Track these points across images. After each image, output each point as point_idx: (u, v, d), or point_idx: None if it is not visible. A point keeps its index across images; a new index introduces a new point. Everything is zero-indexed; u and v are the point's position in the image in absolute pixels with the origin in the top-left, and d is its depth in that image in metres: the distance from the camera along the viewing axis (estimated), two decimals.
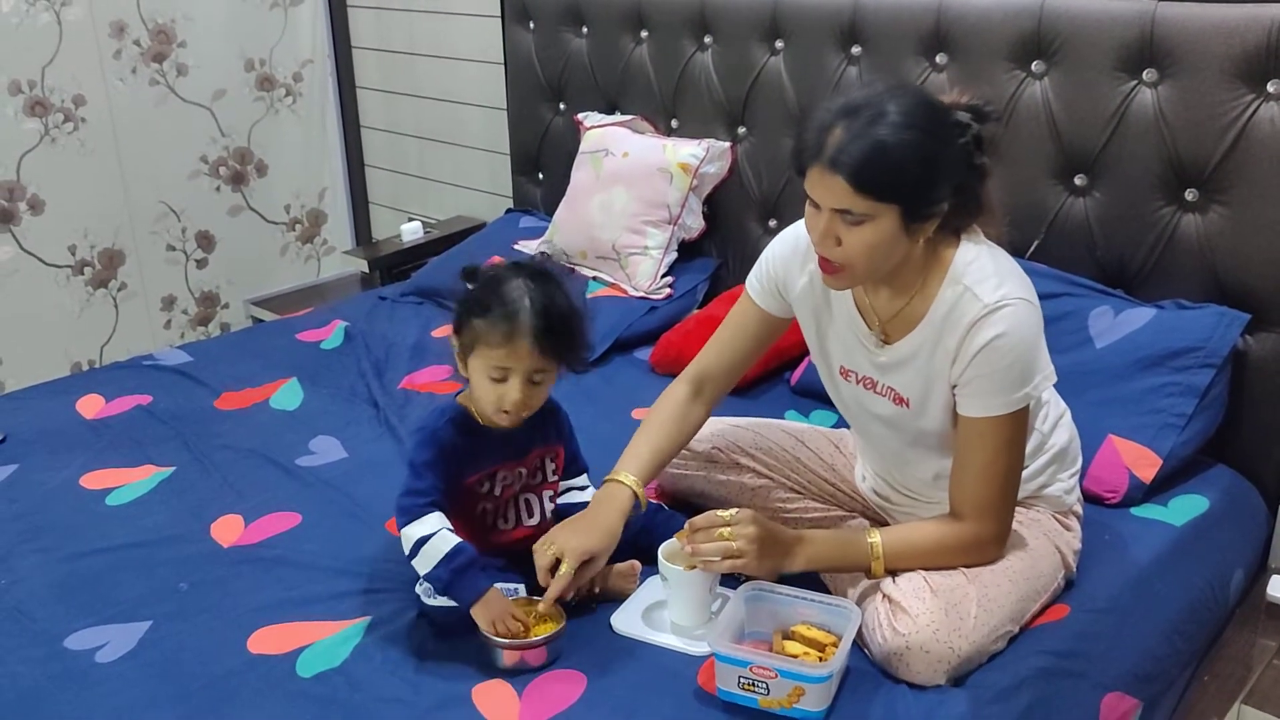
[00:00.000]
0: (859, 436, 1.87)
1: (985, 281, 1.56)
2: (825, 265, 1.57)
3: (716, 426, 1.97)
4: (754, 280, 1.83)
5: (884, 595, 1.58)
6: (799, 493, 1.92)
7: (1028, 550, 1.67)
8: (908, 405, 1.67)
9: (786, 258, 1.77)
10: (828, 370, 1.80)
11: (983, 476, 1.59)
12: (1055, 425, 1.78)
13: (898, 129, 1.44)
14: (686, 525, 1.62)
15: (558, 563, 1.62)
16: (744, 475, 1.92)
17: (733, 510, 1.59)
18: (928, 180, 1.48)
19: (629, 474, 1.74)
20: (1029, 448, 1.69)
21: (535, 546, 1.66)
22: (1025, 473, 1.71)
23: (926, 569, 1.61)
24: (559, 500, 1.80)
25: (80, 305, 3.41)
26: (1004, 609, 1.58)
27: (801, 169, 1.52)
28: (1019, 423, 1.58)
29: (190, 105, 3.54)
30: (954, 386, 1.60)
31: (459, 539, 1.59)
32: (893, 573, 1.62)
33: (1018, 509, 1.71)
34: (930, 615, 1.52)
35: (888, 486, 1.84)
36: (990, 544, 1.62)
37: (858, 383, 1.73)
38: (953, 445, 1.65)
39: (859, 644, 1.59)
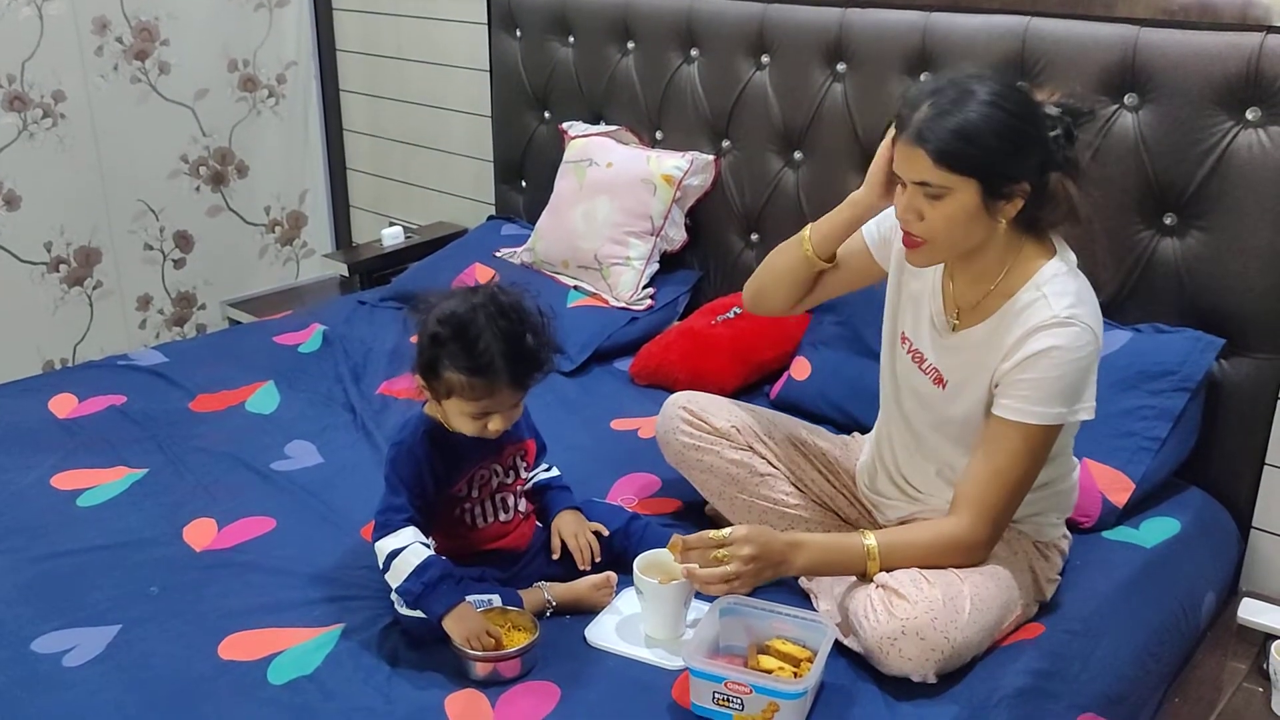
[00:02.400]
0: (884, 413, 1.87)
1: (1064, 296, 1.58)
2: (907, 240, 1.61)
3: (737, 409, 1.96)
4: (870, 225, 1.83)
5: (877, 584, 1.59)
6: (801, 490, 1.92)
7: (1010, 565, 1.69)
8: (943, 387, 1.69)
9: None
10: (891, 332, 1.82)
11: (996, 479, 1.61)
12: (1067, 473, 1.79)
13: (980, 105, 1.50)
14: (679, 541, 1.60)
15: None
16: (755, 459, 1.91)
17: (726, 530, 1.58)
18: (1006, 158, 1.52)
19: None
20: (1041, 479, 1.69)
21: None
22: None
23: (916, 566, 1.63)
24: (531, 483, 1.83)
25: (54, 303, 3.37)
26: (992, 611, 1.60)
27: (896, 142, 1.58)
28: (1046, 439, 1.60)
29: (171, 104, 3.52)
30: (995, 385, 1.62)
31: (430, 553, 1.59)
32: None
33: None
34: (929, 603, 1.53)
35: (887, 479, 1.84)
36: (980, 547, 1.64)
37: (909, 353, 1.76)
38: (970, 441, 1.67)
39: (838, 646, 1.59)
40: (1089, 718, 1.62)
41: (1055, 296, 1.58)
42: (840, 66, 2.49)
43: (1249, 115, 1.99)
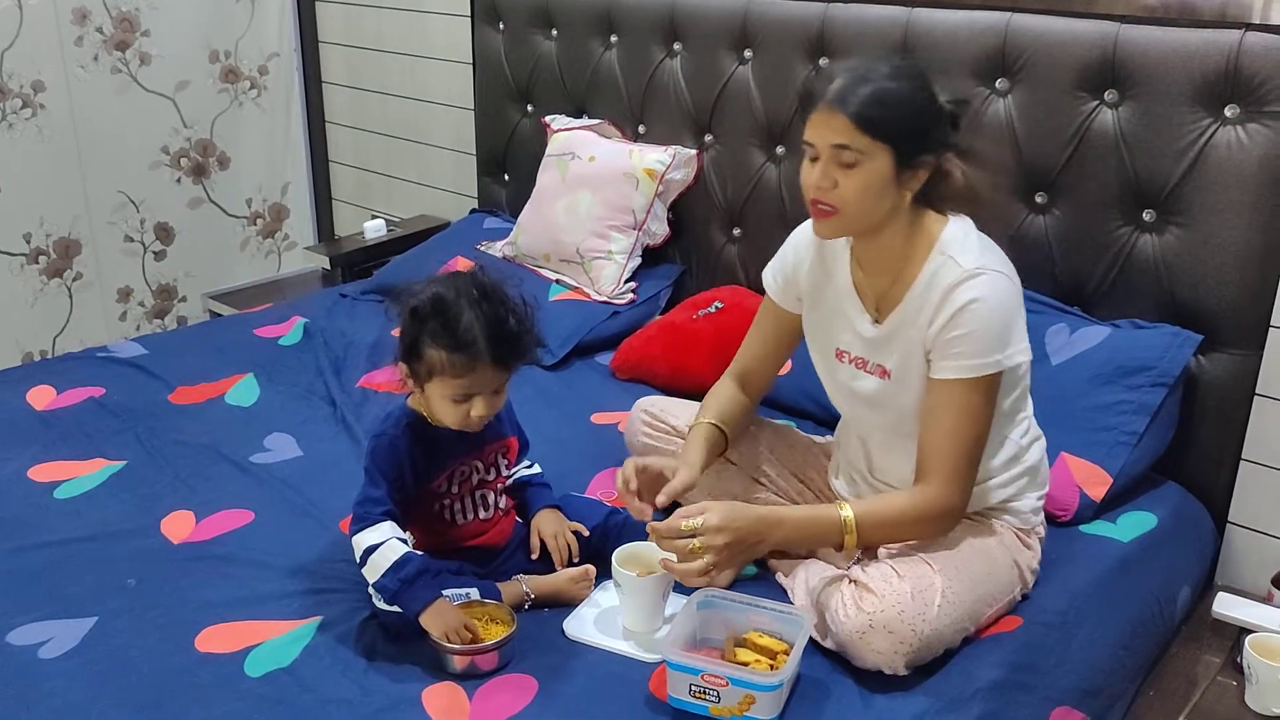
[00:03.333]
0: (844, 429, 1.91)
1: (967, 253, 1.65)
2: (818, 211, 1.65)
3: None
4: (769, 275, 1.92)
5: (850, 580, 1.60)
6: (761, 485, 1.95)
7: (988, 557, 1.70)
8: (889, 377, 1.72)
9: (798, 245, 1.87)
10: (824, 355, 1.85)
11: (952, 439, 1.63)
12: (1032, 445, 1.81)
13: (895, 77, 1.60)
14: (649, 529, 1.61)
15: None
16: (725, 465, 1.94)
17: (698, 519, 1.58)
18: (919, 128, 1.60)
19: (706, 416, 1.87)
20: (1003, 457, 1.74)
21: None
22: (994, 482, 1.75)
23: (894, 541, 1.67)
24: (511, 480, 1.83)
25: (34, 294, 3.35)
26: (965, 604, 1.61)
27: (805, 115, 1.63)
28: (988, 390, 1.63)
29: (152, 95, 3.49)
30: (929, 353, 1.65)
31: (407, 549, 1.59)
32: (864, 549, 1.67)
33: (981, 518, 1.76)
34: (897, 596, 1.55)
35: (865, 486, 1.85)
36: (953, 511, 1.65)
37: (850, 362, 1.79)
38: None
39: (813, 641, 1.60)
40: (1063, 711, 1.63)
41: (959, 255, 1.64)
42: (823, 61, 2.49)
43: (1227, 112, 2.00)
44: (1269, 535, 2.11)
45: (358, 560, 1.61)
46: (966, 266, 1.62)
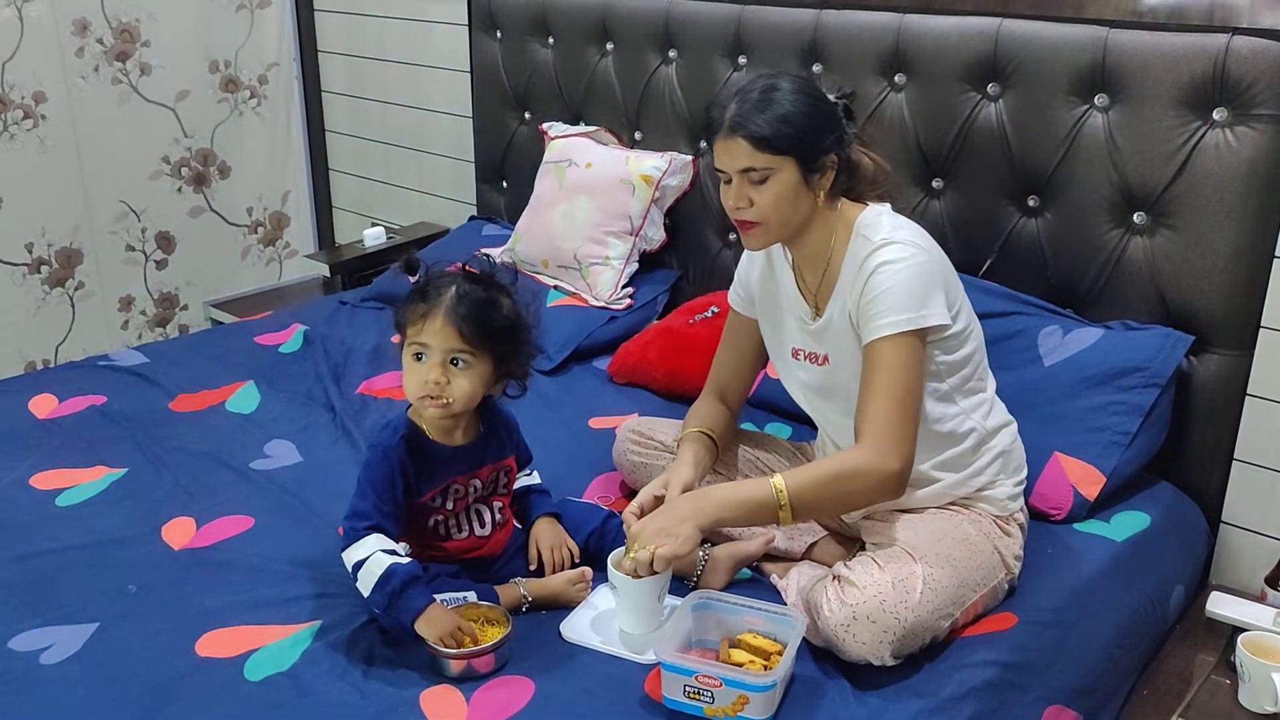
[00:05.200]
0: (819, 428, 1.95)
1: (879, 228, 1.74)
2: (743, 226, 1.75)
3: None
4: (732, 290, 2.01)
5: (834, 575, 1.63)
6: None
7: (966, 541, 1.72)
8: (828, 361, 1.80)
9: (749, 256, 1.97)
10: (782, 357, 1.91)
11: (880, 397, 1.66)
12: (1000, 429, 1.84)
13: (782, 93, 1.69)
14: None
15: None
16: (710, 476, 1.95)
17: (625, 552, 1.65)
18: (814, 133, 1.69)
19: (691, 426, 1.92)
20: (970, 443, 1.78)
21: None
22: (967, 470, 1.78)
23: (836, 508, 1.75)
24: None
25: (36, 304, 3.37)
26: (947, 590, 1.63)
27: (710, 145, 1.74)
28: (913, 349, 1.67)
29: (153, 105, 3.52)
30: (856, 326, 1.72)
31: (392, 560, 1.58)
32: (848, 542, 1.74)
33: (957, 507, 1.78)
34: (878, 587, 1.57)
35: None
36: (887, 467, 1.63)
37: (805, 359, 1.85)
38: None
39: (807, 641, 1.61)
40: (1056, 710, 1.64)
41: (871, 231, 1.74)
42: (816, 68, 2.51)
43: (1216, 115, 2.01)
44: (1262, 534, 2.12)
45: (350, 575, 1.62)
46: (875, 239, 1.71)
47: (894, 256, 1.68)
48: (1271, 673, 1.77)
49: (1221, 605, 1.97)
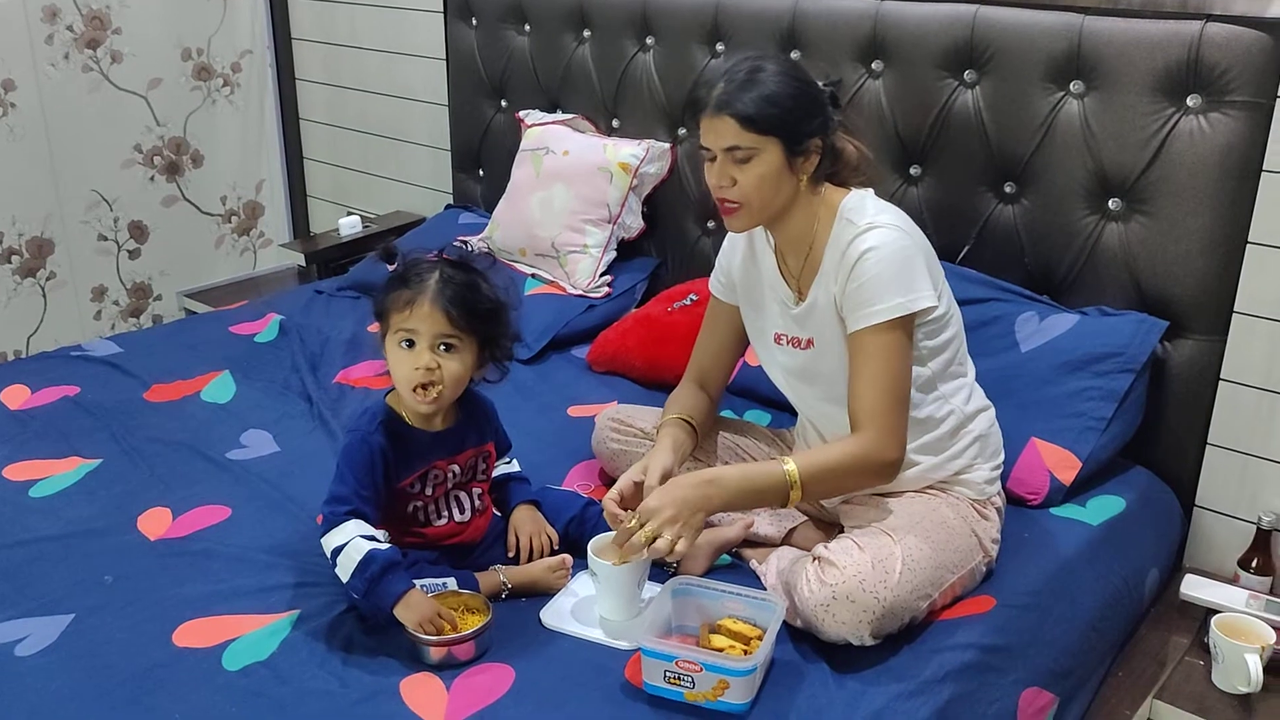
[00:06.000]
0: (799, 413, 1.95)
1: (862, 213, 1.75)
2: (724, 208, 1.75)
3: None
4: (713, 277, 2.00)
5: (814, 557, 1.64)
6: None
7: (944, 524, 1.73)
8: (813, 346, 1.80)
9: (731, 242, 1.97)
10: (764, 343, 1.92)
11: (876, 386, 1.68)
12: (978, 413, 1.85)
13: (770, 74, 1.69)
14: (614, 541, 1.67)
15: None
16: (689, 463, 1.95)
17: (634, 516, 1.63)
18: (800, 116, 1.70)
19: (671, 413, 1.91)
20: (948, 427, 1.80)
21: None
22: (946, 454, 1.80)
23: (837, 493, 1.76)
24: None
25: (7, 295, 3.33)
26: (926, 570, 1.64)
27: (696, 123, 1.73)
28: (901, 334, 1.69)
29: (124, 93, 3.48)
30: (841, 311, 1.72)
31: (371, 545, 1.58)
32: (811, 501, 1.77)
33: (935, 490, 1.80)
34: (857, 567, 1.58)
35: None
36: (887, 456, 1.69)
37: (788, 343, 1.85)
38: None
39: (788, 626, 1.62)
40: (1034, 692, 1.66)
41: (855, 215, 1.74)
42: (794, 54, 2.50)
43: (1190, 102, 2.03)
44: (1235, 518, 2.14)
45: (329, 561, 1.62)
46: (859, 224, 1.72)
47: (879, 242, 1.69)
48: (1244, 653, 1.79)
49: (1195, 588, 1.99)
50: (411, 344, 1.64)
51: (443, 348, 1.64)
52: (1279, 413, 2.06)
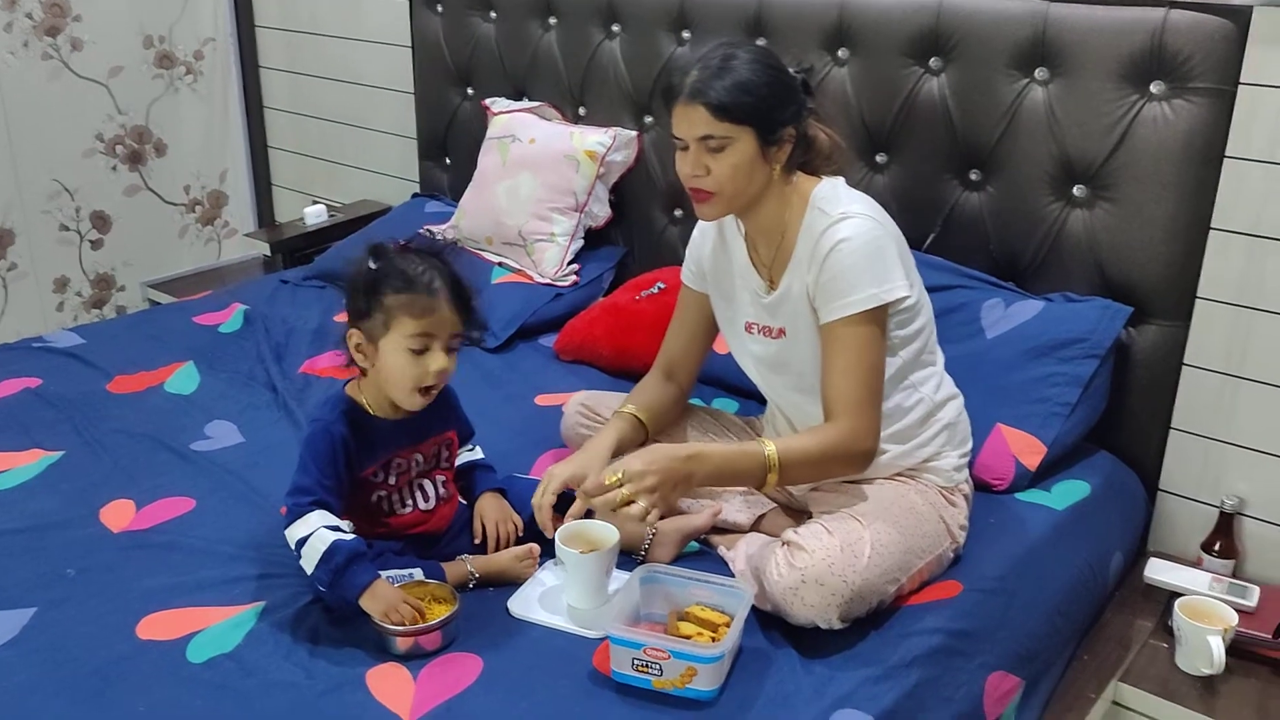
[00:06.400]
0: (769, 401, 1.95)
1: (834, 202, 1.74)
2: (697, 196, 1.74)
3: None
4: (685, 266, 1.99)
5: (784, 541, 1.64)
6: None
7: (913, 510, 1.74)
8: (785, 336, 1.79)
9: (701, 231, 1.96)
10: (735, 332, 1.91)
11: (850, 376, 1.69)
12: (947, 401, 1.86)
13: (743, 62, 1.68)
14: (579, 494, 1.64)
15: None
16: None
17: (619, 470, 1.61)
18: (773, 104, 1.69)
19: (627, 406, 1.91)
20: (917, 415, 1.80)
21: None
22: (914, 442, 1.80)
23: (813, 479, 1.75)
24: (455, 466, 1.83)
25: None
26: (894, 554, 1.65)
27: (669, 111, 1.71)
28: (874, 325, 1.69)
29: (85, 81, 3.43)
30: (813, 301, 1.72)
31: (336, 536, 1.57)
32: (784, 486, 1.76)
33: (904, 478, 1.80)
34: (826, 551, 1.59)
35: None
36: (863, 446, 1.71)
37: (759, 332, 1.85)
38: None
39: (756, 612, 1.62)
40: (1000, 676, 1.67)
41: (827, 205, 1.74)
42: (760, 42, 2.50)
43: (1153, 89, 2.04)
44: (1197, 501, 2.17)
45: (294, 553, 1.61)
46: (832, 214, 1.71)
47: (851, 232, 1.68)
48: (1207, 635, 1.82)
49: (1159, 571, 2.02)
50: (425, 348, 1.63)
51: (450, 348, 1.65)
52: (1241, 397, 2.08)
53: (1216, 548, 2.08)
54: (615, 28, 2.78)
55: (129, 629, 1.61)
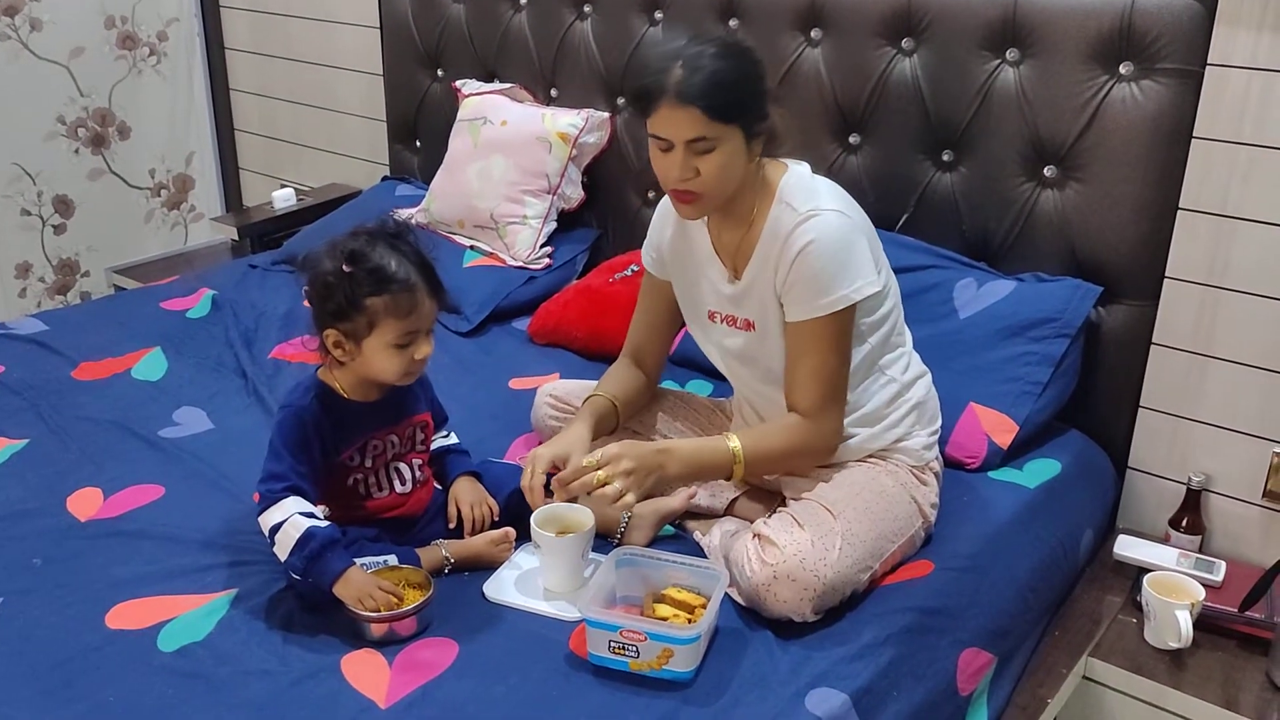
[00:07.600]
0: (735, 390, 1.94)
1: (800, 195, 1.72)
2: (684, 197, 1.69)
3: None
4: (644, 252, 1.96)
5: (754, 534, 1.65)
6: None
7: (884, 494, 1.75)
8: (753, 329, 1.78)
9: (661, 216, 1.92)
10: (698, 320, 1.90)
11: (816, 377, 1.70)
12: (915, 380, 1.86)
13: (727, 59, 1.63)
14: (554, 482, 1.65)
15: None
16: (623, 435, 1.94)
17: (596, 454, 1.62)
18: (757, 100, 1.67)
19: (599, 391, 1.89)
20: (886, 396, 1.81)
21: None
22: (883, 424, 1.81)
23: (778, 471, 1.76)
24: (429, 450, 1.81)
25: None
26: (866, 543, 1.66)
27: (648, 111, 1.65)
28: (841, 325, 1.69)
29: (45, 63, 3.37)
30: (780, 299, 1.72)
31: (310, 523, 1.56)
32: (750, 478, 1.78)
33: (875, 459, 1.81)
34: (797, 545, 1.59)
35: None
36: (827, 441, 1.75)
37: (722, 321, 1.84)
38: None
39: (728, 593, 1.63)
40: (972, 652, 1.68)
41: (794, 199, 1.71)
42: (733, 23, 2.49)
43: (1122, 70, 2.05)
44: (1166, 479, 2.19)
45: (267, 540, 1.59)
46: (800, 210, 1.69)
47: (819, 233, 1.66)
48: (1175, 610, 1.84)
49: (1128, 547, 2.04)
50: (411, 342, 1.62)
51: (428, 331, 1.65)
52: (1208, 376, 2.10)
53: (1184, 524, 2.11)
54: (587, 8, 2.76)
55: (98, 619, 1.59)
